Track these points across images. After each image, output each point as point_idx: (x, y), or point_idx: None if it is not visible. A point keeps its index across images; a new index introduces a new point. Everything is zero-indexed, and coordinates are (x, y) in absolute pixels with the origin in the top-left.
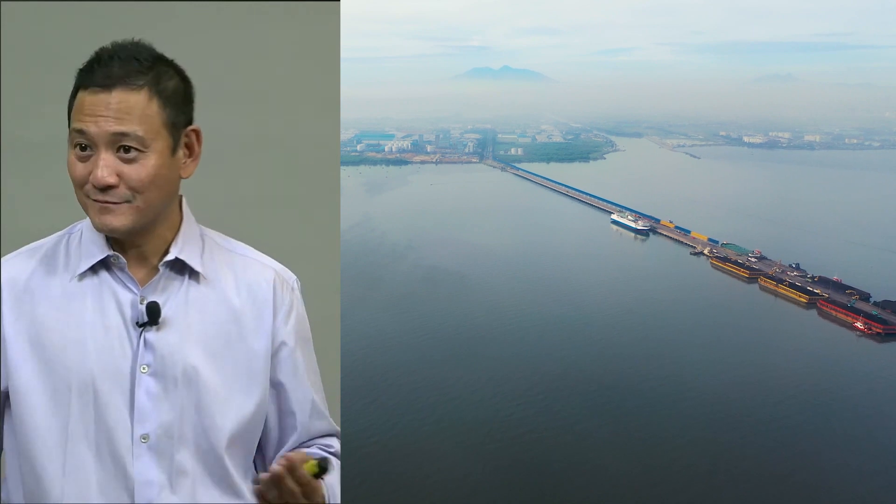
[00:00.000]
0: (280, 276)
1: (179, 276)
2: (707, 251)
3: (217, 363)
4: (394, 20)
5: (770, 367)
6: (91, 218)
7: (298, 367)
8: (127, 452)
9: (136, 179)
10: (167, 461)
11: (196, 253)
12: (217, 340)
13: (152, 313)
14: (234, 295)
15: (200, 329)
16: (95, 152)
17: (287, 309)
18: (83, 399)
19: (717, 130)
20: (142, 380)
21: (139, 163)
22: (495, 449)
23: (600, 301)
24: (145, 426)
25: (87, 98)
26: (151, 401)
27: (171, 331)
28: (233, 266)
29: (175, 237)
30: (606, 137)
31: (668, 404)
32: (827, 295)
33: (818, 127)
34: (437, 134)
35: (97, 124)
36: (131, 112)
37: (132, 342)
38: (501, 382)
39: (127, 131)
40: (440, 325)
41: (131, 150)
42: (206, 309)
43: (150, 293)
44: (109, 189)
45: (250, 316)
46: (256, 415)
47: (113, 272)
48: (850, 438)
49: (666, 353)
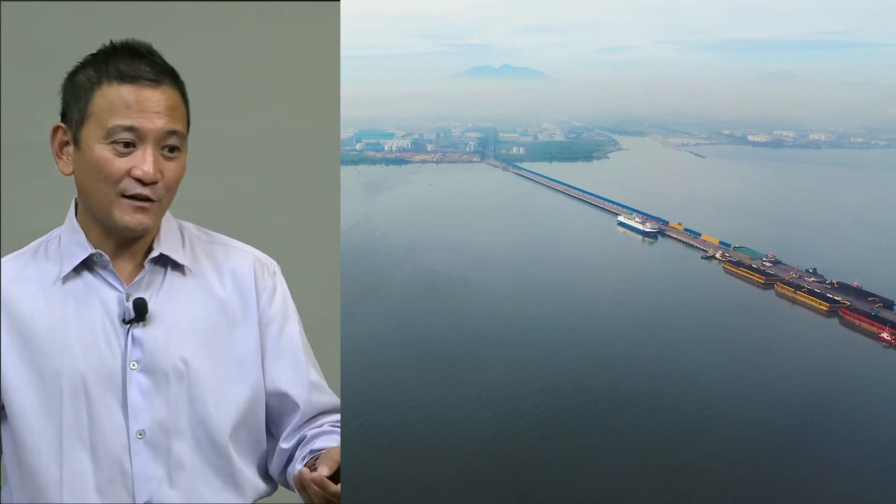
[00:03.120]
0: (260, 261)
1: (162, 269)
2: (719, 255)
3: (207, 354)
4: (394, 18)
5: (793, 380)
6: (118, 217)
7: (290, 346)
8: (124, 450)
9: (173, 178)
10: (164, 455)
11: (178, 246)
12: (205, 331)
13: (139, 310)
14: (218, 284)
15: (188, 321)
16: (140, 148)
17: (270, 291)
18: (75, 401)
19: (720, 129)
20: (132, 377)
21: (177, 161)
22: (497, 456)
23: (608, 308)
24: (140, 422)
25: (135, 92)
26: (144, 397)
27: (159, 325)
28: (213, 256)
29: (158, 233)
30: (609, 136)
31: (685, 423)
32: (849, 303)
33: (821, 125)
34: (437, 133)
35: (151, 120)
36: (177, 109)
37: (120, 340)
38: (503, 391)
39: (176, 129)
40: (441, 332)
41: (174, 149)
42: (192, 301)
43: (136, 290)
44: (151, 185)
45: (236, 304)
46: (253, 401)
47: (96, 272)
48: (885, 458)
49: (680, 366)
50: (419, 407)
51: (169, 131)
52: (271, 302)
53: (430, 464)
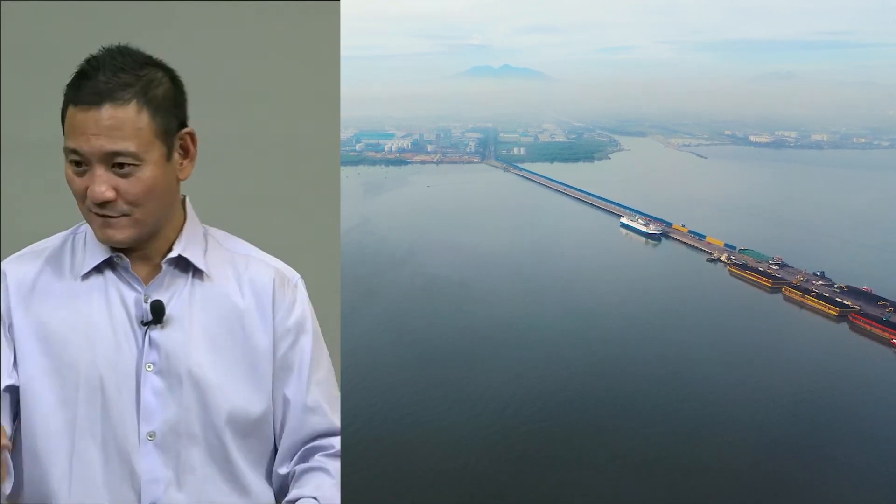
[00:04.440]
0: (281, 274)
1: (183, 274)
2: (724, 258)
3: (222, 360)
4: (394, 18)
5: (803, 386)
6: (94, 231)
7: (297, 364)
8: (134, 450)
9: (133, 193)
10: (174, 458)
11: (199, 251)
12: (221, 337)
13: (156, 312)
14: (237, 293)
15: (205, 326)
16: (90, 168)
17: (288, 305)
18: (90, 398)
19: (721, 129)
20: (147, 378)
21: (135, 176)
22: (496, 460)
23: (611, 312)
24: (151, 424)
25: (78, 115)
26: (157, 399)
27: (176, 329)
28: (235, 265)
29: (178, 236)
30: (610, 137)
31: (690, 430)
32: (859, 307)
33: (822, 125)
34: (437, 133)
35: (89, 143)
36: (122, 128)
37: (137, 341)
38: (503, 396)
39: (119, 149)
40: (441, 337)
41: (126, 165)
42: (210, 306)
43: (154, 291)
44: (107, 204)
45: (254, 313)
46: (264, 410)
47: (117, 271)
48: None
49: (687, 372)
50: (418, 412)
51: (108, 152)
52: (288, 316)
53: (430, 466)
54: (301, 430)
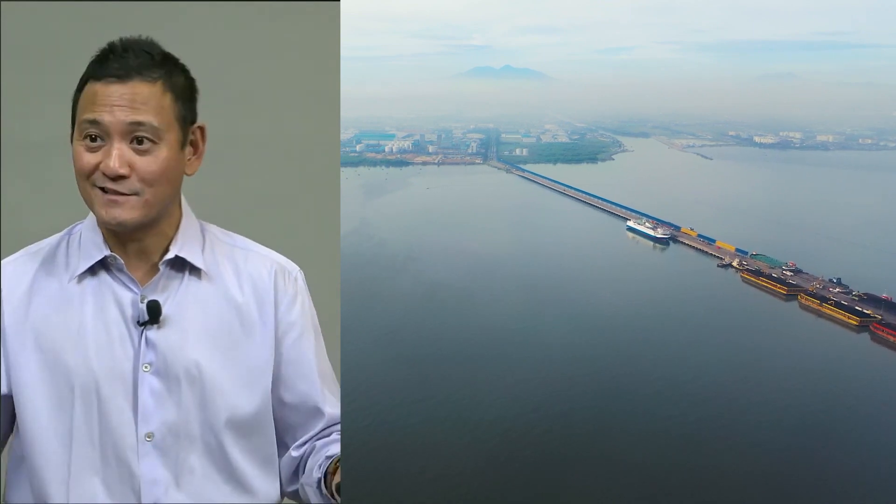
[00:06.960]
0: (282, 267)
1: (179, 273)
2: (736, 263)
3: (220, 359)
4: (394, 18)
5: (828, 402)
6: (97, 211)
7: (308, 355)
8: (132, 452)
9: (148, 171)
10: (173, 459)
11: (197, 249)
12: (219, 336)
13: (153, 311)
14: (236, 289)
15: (202, 325)
16: (107, 143)
17: (290, 298)
18: (86, 400)
19: (725, 130)
20: (144, 379)
21: (152, 154)
22: (498, 467)
23: (618, 319)
24: (149, 425)
25: (102, 88)
26: (155, 399)
27: (173, 328)
28: (234, 259)
29: (175, 234)
30: (613, 137)
31: (706, 443)
32: (880, 316)
33: (827, 126)
34: (438, 133)
35: (112, 114)
36: (147, 102)
37: (133, 341)
38: (507, 405)
39: (143, 121)
40: (442, 345)
41: (145, 140)
42: (208, 305)
43: (151, 292)
44: (120, 179)
45: (253, 308)
46: (263, 407)
47: (112, 272)
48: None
49: (699, 388)
50: (417, 418)
51: (132, 122)
52: (291, 309)
53: (430, 471)
54: (310, 422)
